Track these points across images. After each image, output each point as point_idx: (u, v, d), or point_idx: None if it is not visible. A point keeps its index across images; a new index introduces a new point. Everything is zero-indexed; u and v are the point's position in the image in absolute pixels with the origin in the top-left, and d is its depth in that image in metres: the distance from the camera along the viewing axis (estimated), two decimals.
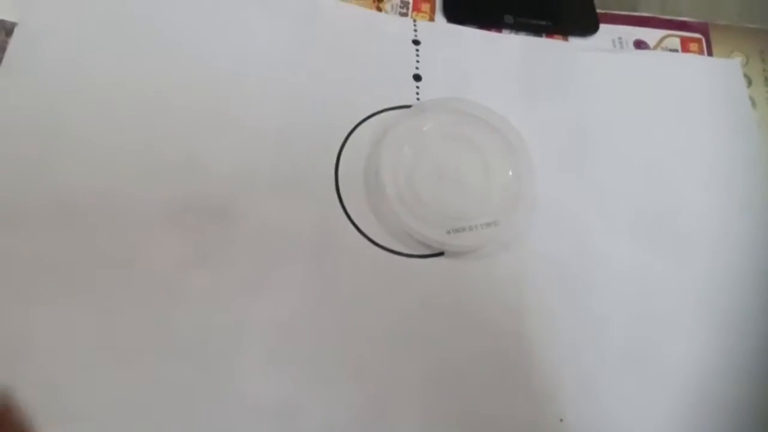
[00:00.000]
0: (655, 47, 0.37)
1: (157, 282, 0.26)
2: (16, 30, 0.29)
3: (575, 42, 0.36)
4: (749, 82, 0.36)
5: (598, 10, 0.37)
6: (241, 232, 0.27)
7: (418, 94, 0.32)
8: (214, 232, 0.27)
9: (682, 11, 0.38)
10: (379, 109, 0.31)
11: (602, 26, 0.37)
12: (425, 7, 0.35)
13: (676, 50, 0.37)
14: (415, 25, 0.34)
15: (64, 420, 0.23)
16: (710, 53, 0.37)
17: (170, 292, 0.26)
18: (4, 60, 0.28)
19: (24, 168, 0.27)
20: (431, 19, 0.35)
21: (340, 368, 0.26)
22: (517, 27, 0.36)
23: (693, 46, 0.37)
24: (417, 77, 0.33)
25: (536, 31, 0.36)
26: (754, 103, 0.35)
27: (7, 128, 0.27)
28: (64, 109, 0.28)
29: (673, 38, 0.37)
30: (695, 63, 0.36)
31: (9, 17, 0.29)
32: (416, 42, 0.34)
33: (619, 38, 0.37)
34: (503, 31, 0.36)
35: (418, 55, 0.33)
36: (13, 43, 0.28)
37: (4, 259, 0.25)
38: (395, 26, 0.34)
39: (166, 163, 0.28)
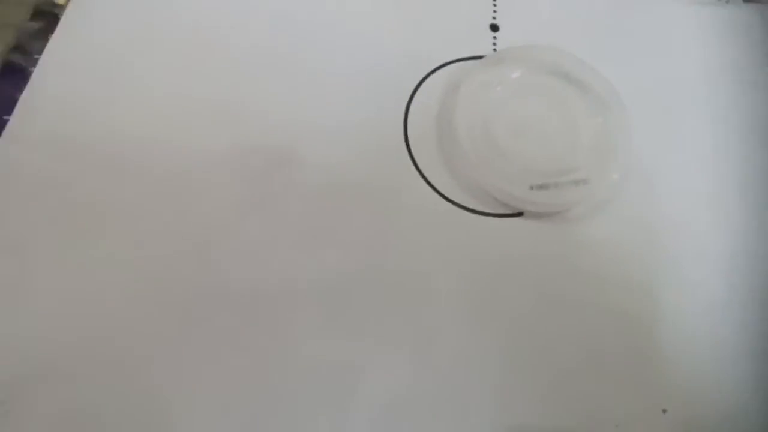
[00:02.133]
0: None
1: (210, 224, 0.24)
2: None
3: None
4: None
5: None
6: (303, 180, 0.25)
7: (495, 45, 0.29)
8: (276, 178, 0.25)
9: None
10: (452, 59, 0.29)
11: None
12: None
13: None
14: None
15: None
16: None
17: (224, 236, 0.24)
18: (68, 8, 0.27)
19: (86, 110, 0.25)
20: None
21: (407, 335, 0.23)
22: None
23: None
24: (494, 27, 0.30)
25: None
26: None
27: (72, 70, 0.26)
28: (124, 54, 0.27)
29: None
30: None
31: None
32: None
33: None
34: None
35: (495, 4, 0.31)
36: None
37: (62, 190, 0.24)
38: None
39: (227, 107, 0.26)
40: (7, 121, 0.25)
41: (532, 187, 0.25)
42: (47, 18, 0.27)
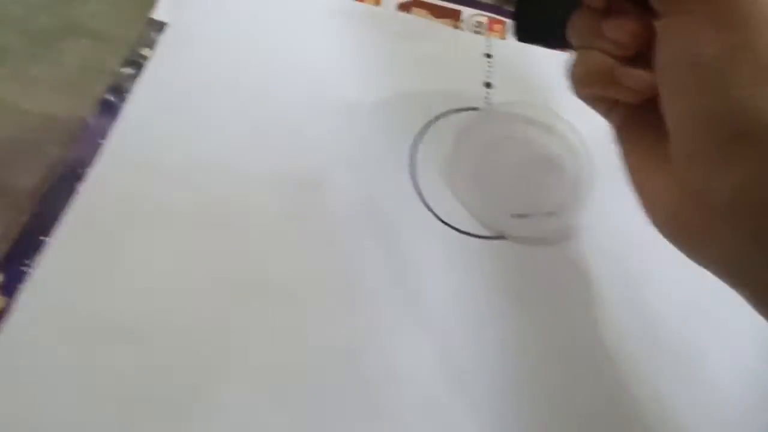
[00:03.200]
0: None
1: (259, 228, 0.30)
2: (167, 30, 0.34)
3: None
4: None
5: None
6: (328, 202, 0.31)
7: (487, 98, 0.36)
8: (305, 199, 0.31)
9: None
10: (454, 108, 0.35)
11: None
12: (498, 27, 0.39)
13: None
14: (488, 42, 0.38)
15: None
16: None
17: (264, 242, 0.30)
18: (155, 54, 0.34)
19: (164, 137, 0.32)
20: (503, 38, 0.39)
21: (406, 322, 0.29)
22: None
23: None
24: (488, 84, 0.37)
25: None
26: None
27: (153, 106, 0.32)
28: (192, 95, 0.33)
29: None
30: None
31: (162, 18, 0.35)
32: (488, 55, 0.38)
33: None
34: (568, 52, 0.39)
35: (489, 66, 0.37)
36: (163, 41, 0.34)
37: (141, 193, 0.30)
38: (470, 41, 0.38)
39: (270, 138, 0.33)
40: (102, 144, 0.31)
41: (512, 216, 0.31)
42: (136, 65, 0.34)
